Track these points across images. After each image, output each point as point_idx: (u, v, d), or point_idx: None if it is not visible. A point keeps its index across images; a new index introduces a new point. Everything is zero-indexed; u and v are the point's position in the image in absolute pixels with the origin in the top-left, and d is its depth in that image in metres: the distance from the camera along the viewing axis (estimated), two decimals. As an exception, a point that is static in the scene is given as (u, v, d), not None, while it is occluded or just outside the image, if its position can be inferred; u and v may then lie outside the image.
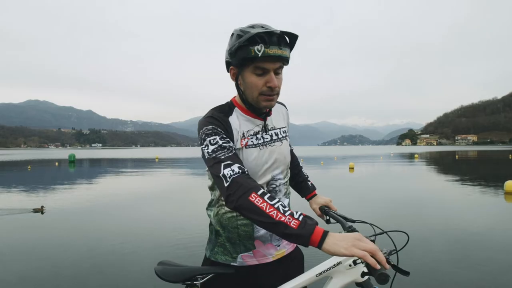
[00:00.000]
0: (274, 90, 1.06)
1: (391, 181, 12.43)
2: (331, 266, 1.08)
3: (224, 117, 1.10)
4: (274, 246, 1.18)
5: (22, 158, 41.28)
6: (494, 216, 6.12)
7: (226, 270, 1.14)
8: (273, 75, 1.04)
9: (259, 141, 1.14)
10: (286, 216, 0.85)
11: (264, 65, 1.02)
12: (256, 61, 1.02)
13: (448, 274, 3.34)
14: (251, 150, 1.12)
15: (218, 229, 1.19)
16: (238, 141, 1.10)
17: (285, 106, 1.32)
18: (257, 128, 1.15)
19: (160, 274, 1.11)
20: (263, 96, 1.06)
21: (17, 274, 3.44)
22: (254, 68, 1.04)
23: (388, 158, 32.18)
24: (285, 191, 1.21)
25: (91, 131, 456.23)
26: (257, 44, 0.99)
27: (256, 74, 1.04)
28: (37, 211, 6.74)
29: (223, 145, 1.01)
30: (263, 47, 0.99)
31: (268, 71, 1.03)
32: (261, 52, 0.99)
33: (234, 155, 1.00)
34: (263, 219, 0.86)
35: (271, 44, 0.99)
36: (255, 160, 1.11)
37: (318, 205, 1.36)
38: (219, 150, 1.00)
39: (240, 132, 1.11)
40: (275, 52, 1.00)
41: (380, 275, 0.89)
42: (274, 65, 1.03)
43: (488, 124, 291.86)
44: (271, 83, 1.03)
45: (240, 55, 1.02)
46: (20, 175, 17.09)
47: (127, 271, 3.49)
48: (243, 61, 1.03)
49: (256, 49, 0.99)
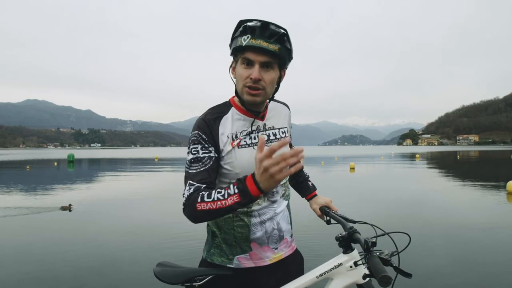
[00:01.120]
0: (257, 83, 1.04)
1: (392, 182, 12.40)
2: (332, 267, 1.06)
3: (217, 120, 1.11)
4: (271, 249, 1.16)
5: (20, 158, 41.42)
6: (496, 216, 6.10)
7: (225, 272, 1.13)
8: (258, 67, 1.03)
9: (253, 141, 1.13)
10: (228, 199, 0.91)
11: (249, 55, 1.03)
12: (244, 51, 1.03)
13: (449, 275, 3.32)
14: (244, 150, 1.11)
15: (214, 230, 1.18)
16: (227, 143, 1.09)
17: (288, 107, 1.30)
18: (251, 128, 1.14)
19: (158, 275, 1.10)
20: (246, 89, 1.06)
21: (14, 275, 3.44)
22: (242, 59, 1.05)
23: (389, 158, 32.14)
24: (283, 192, 1.20)
25: (90, 131, 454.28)
26: (245, 34, 1.01)
27: (243, 66, 1.05)
28: (65, 209, 6.87)
29: (202, 156, 1.06)
30: (250, 37, 1.00)
31: (253, 63, 1.03)
32: (246, 42, 1.01)
33: (203, 171, 1.04)
34: (220, 214, 0.94)
35: (258, 36, 1.00)
36: (248, 160, 1.09)
37: (319, 205, 1.35)
38: (194, 162, 1.05)
39: (232, 133, 1.11)
40: (260, 44, 1.00)
41: (382, 277, 0.88)
42: (259, 57, 1.02)
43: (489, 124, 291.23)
44: (252, 75, 1.03)
45: (233, 45, 1.06)
46: (19, 175, 17.12)
47: (126, 272, 3.48)
48: (234, 52, 1.06)
49: (243, 39, 1.01)
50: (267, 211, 1.15)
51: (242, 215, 1.13)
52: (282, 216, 1.19)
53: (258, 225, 1.13)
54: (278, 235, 1.17)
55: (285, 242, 1.20)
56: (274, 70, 1.06)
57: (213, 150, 1.08)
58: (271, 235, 1.15)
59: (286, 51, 1.05)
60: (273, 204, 1.16)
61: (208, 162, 1.06)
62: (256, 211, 1.13)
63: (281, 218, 1.18)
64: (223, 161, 1.10)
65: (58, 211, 6.76)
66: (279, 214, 1.17)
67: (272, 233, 1.16)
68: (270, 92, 1.09)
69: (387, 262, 1.00)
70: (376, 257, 0.98)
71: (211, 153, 1.07)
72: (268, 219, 1.15)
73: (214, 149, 1.08)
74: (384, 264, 0.97)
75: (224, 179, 1.12)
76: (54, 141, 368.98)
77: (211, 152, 1.07)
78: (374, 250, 1.01)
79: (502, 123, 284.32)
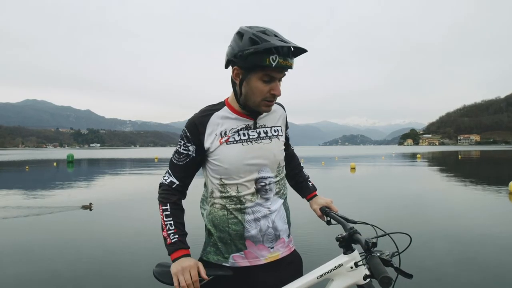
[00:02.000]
0: (276, 97, 1.11)
1: (393, 182, 12.39)
2: (332, 268, 1.06)
3: (207, 117, 1.16)
4: (267, 248, 1.16)
5: (20, 158, 41.46)
6: (498, 217, 6.08)
7: (224, 272, 1.13)
8: (278, 83, 1.09)
9: (242, 137, 1.15)
10: (168, 233, 1.13)
11: (273, 73, 1.07)
12: (267, 69, 1.05)
13: (451, 276, 3.31)
14: (232, 146, 1.14)
15: (210, 228, 1.19)
16: (215, 140, 1.14)
17: (283, 107, 1.31)
18: (241, 126, 1.16)
19: (158, 276, 1.10)
20: (265, 102, 1.11)
21: (13, 276, 3.44)
22: (263, 75, 1.07)
23: (390, 158, 32.11)
24: (277, 190, 1.20)
25: (90, 131, 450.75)
26: (272, 54, 1.02)
27: (263, 81, 1.08)
28: (86, 207, 6.96)
29: (181, 151, 1.17)
30: (278, 57, 1.03)
31: (275, 79, 1.08)
32: (275, 63, 1.03)
33: (179, 166, 1.18)
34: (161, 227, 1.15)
35: (284, 56, 1.04)
36: (236, 155, 1.13)
37: (319, 205, 1.34)
38: (176, 153, 1.19)
39: (221, 130, 1.15)
40: (287, 64, 1.05)
41: (383, 278, 0.88)
42: (281, 75, 1.09)
43: (491, 123, 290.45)
44: (275, 91, 1.09)
45: (253, 61, 1.04)
46: (18, 175, 17.16)
47: (125, 273, 3.48)
48: (254, 67, 1.06)
49: (271, 59, 1.02)
50: (260, 209, 1.15)
51: (236, 212, 1.14)
52: (277, 215, 1.19)
53: (252, 223, 1.14)
54: (274, 234, 1.17)
55: (281, 242, 1.20)
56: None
57: (192, 149, 1.16)
58: (266, 234, 1.15)
59: None
60: (267, 201, 1.16)
61: (184, 159, 1.17)
62: (250, 208, 1.14)
63: (276, 217, 1.18)
64: (211, 157, 1.15)
65: (80, 209, 6.85)
66: (274, 213, 1.17)
67: (267, 232, 1.16)
68: None
69: (388, 262, 0.99)
70: (377, 258, 0.97)
71: (189, 151, 1.16)
72: (262, 217, 1.15)
73: (194, 148, 1.15)
74: (384, 264, 0.97)
75: (215, 174, 1.16)
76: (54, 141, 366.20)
77: (190, 151, 1.16)
78: (375, 250, 1.00)
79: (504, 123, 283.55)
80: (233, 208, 1.14)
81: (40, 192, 10.02)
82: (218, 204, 1.16)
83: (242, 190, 1.14)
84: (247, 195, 1.14)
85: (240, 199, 1.14)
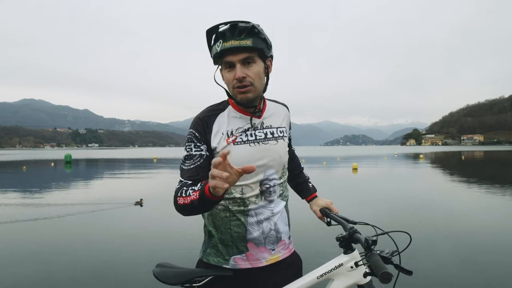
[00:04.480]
0: (243, 81, 1.06)
1: (395, 182, 12.34)
2: (333, 268, 1.06)
3: (212, 117, 1.14)
4: (268, 250, 1.16)
5: (17, 158, 41.53)
6: (501, 217, 6.04)
7: (224, 273, 1.13)
8: (239, 66, 1.06)
9: (249, 138, 1.14)
10: (192, 195, 0.97)
11: (227, 58, 1.06)
12: (222, 57, 1.07)
13: (453, 277, 3.29)
14: (239, 147, 1.12)
15: (211, 230, 1.18)
16: (222, 139, 1.12)
17: (287, 108, 1.30)
18: (247, 125, 1.15)
19: (158, 276, 1.10)
20: (237, 90, 1.09)
21: (12, 278, 3.46)
22: (224, 64, 1.09)
23: (392, 159, 31.98)
24: (280, 192, 1.19)
25: (88, 131, 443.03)
26: (217, 41, 1.06)
27: (227, 70, 1.09)
28: (138, 203, 7.47)
29: (194, 153, 1.11)
30: (222, 42, 1.04)
31: (234, 64, 1.06)
32: (219, 47, 1.05)
33: (192, 169, 1.09)
34: (191, 208, 0.97)
35: (229, 38, 1.04)
36: (244, 156, 1.11)
37: (319, 207, 1.34)
38: (187, 159, 1.11)
39: (228, 130, 1.13)
40: (232, 44, 1.03)
41: (383, 273, 0.88)
42: (237, 57, 1.06)
43: (494, 123, 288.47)
44: (236, 75, 1.06)
45: (211, 55, 1.11)
46: (17, 175, 17.26)
47: (125, 273, 3.49)
48: (215, 60, 1.11)
49: (217, 46, 1.06)
50: (264, 211, 1.14)
51: (239, 214, 1.13)
52: (279, 217, 1.18)
53: (255, 225, 1.13)
54: (276, 236, 1.17)
55: (282, 243, 1.20)
56: (256, 64, 1.08)
57: (204, 149, 1.12)
58: (268, 236, 1.15)
59: (261, 41, 1.07)
60: (270, 203, 1.16)
61: (198, 160, 1.11)
62: (253, 210, 1.13)
63: (278, 219, 1.18)
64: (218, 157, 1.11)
65: (133, 206, 7.29)
66: (276, 215, 1.17)
67: (269, 234, 1.15)
68: (259, 85, 1.11)
69: (388, 260, 0.99)
70: (377, 255, 0.97)
71: (202, 151, 1.12)
72: (265, 219, 1.14)
73: (206, 147, 1.12)
74: (385, 262, 0.97)
75: None
76: (51, 141, 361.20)
77: (202, 151, 1.12)
78: (375, 249, 1.01)
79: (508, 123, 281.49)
80: (236, 209, 1.13)
81: (39, 193, 10.07)
82: (221, 205, 1.14)
83: (247, 191, 1.13)
84: (251, 197, 1.13)
85: (244, 201, 1.13)
